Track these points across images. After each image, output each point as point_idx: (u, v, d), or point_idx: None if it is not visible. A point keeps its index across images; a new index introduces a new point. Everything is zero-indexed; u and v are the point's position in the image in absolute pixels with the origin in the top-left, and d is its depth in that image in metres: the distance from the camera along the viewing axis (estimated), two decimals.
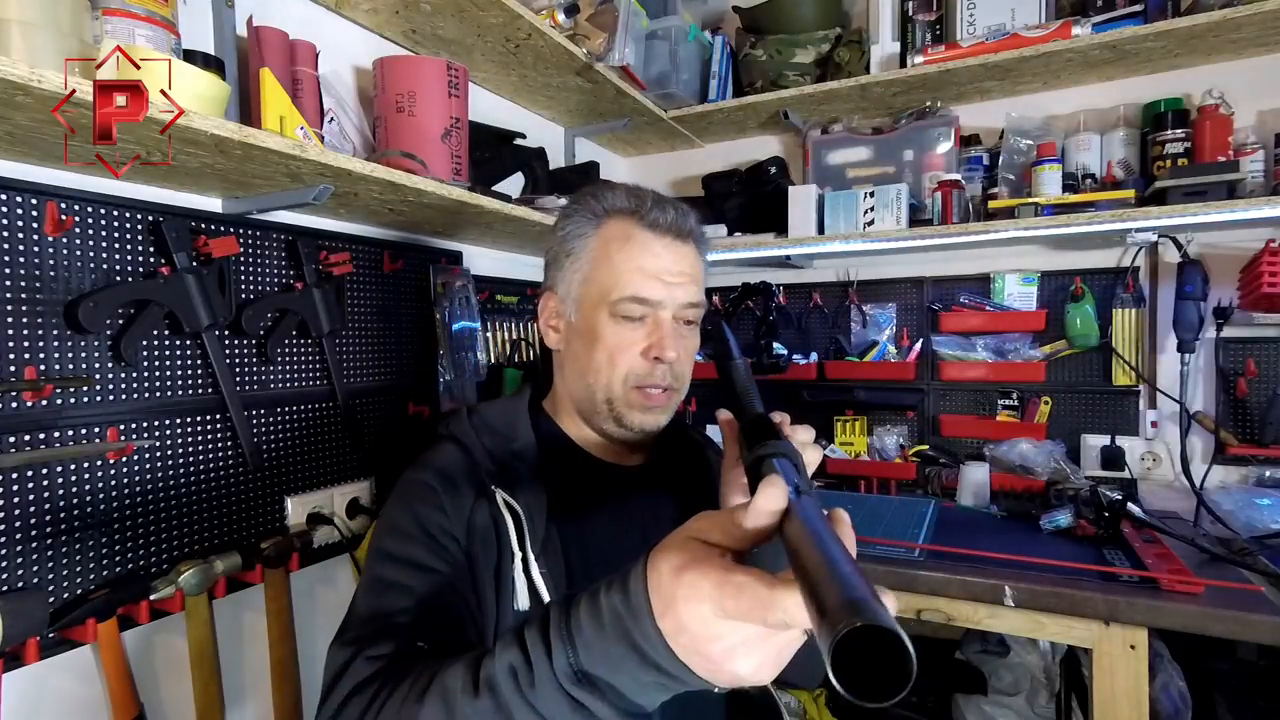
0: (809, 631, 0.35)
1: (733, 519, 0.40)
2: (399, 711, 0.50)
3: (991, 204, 1.60)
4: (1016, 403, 1.77)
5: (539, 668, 0.44)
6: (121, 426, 0.95)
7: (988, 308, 1.78)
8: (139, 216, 0.97)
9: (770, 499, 0.39)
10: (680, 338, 0.76)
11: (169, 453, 1.00)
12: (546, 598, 0.67)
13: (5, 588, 0.84)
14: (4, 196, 0.84)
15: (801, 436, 0.58)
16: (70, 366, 0.90)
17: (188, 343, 1.03)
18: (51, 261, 0.89)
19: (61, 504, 0.89)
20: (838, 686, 0.29)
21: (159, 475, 0.99)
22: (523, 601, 0.67)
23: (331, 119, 1.18)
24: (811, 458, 0.56)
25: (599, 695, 0.42)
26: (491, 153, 1.47)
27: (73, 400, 0.90)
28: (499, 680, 0.45)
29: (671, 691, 0.42)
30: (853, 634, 0.28)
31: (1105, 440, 1.65)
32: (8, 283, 0.85)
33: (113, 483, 0.94)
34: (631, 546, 0.62)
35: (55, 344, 0.89)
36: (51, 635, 0.87)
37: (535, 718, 0.44)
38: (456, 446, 0.76)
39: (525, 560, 0.68)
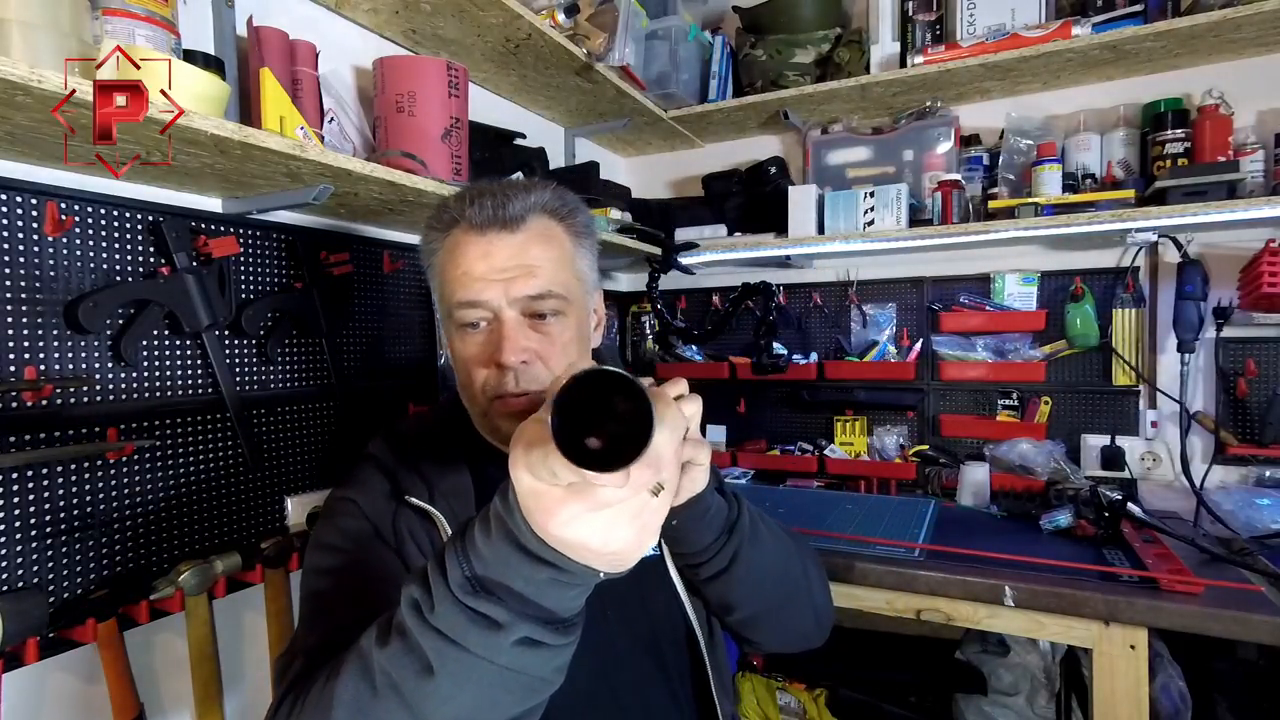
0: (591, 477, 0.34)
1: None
2: (321, 692, 0.49)
3: (991, 204, 1.60)
4: (1016, 403, 1.77)
5: (437, 589, 0.43)
6: (121, 426, 0.95)
7: (988, 308, 1.78)
8: (139, 216, 0.97)
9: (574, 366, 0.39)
10: (532, 334, 0.71)
11: (169, 453, 1.00)
12: None
13: (5, 588, 0.84)
14: (4, 196, 0.84)
15: (670, 391, 0.53)
16: (70, 366, 0.90)
17: (188, 343, 1.03)
18: (51, 261, 0.89)
19: (61, 504, 0.89)
20: (570, 463, 0.28)
21: (159, 475, 0.99)
22: None
23: (331, 119, 1.18)
24: (691, 409, 0.51)
25: (498, 602, 0.41)
26: (491, 153, 1.47)
27: (73, 400, 0.90)
28: (403, 618, 0.45)
29: (572, 588, 0.42)
30: (566, 397, 0.28)
31: (1105, 440, 1.65)
32: (8, 283, 0.85)
33: (113, 483, 0.94)
34: None
35: (55, 344, 0.89)
36: (51, 635, 0.87)
37: (440, 641, 0.42)
38: (372, 464, 0.76)
39: None
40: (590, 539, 0.38)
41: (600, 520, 0.37)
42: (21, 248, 0.86)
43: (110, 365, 0.94)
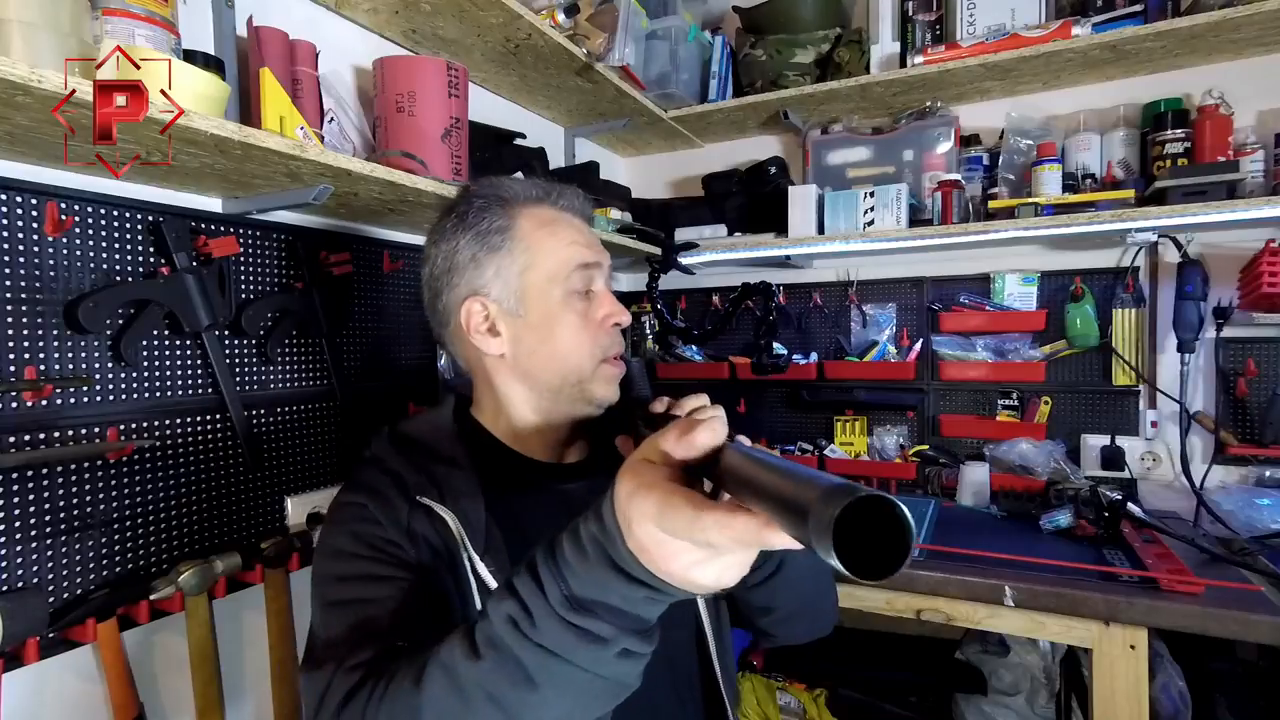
0: (742, 543, 0.37)
1: (665, 438, 0.43)
2: (397, 702, 0.50)
3: (991, 204, 1.60)
4: (1016, 403, 1.77)
5: (536, 607, 0.45)
6: (121, 426, 0.95)
7: (988, 308, 1.78)
8: (139, 216, 0.97)
9: (700, 412, 0.42)
10: None
11: (169, 453, 1.00)
12: None
13: (5, 588, 0.84)
14: (4, 196, 0.84)
15: (692, 403, 0.60)
16: (70, 366, 0.90)
17: (188, 343, 1.03)
18: (51, 261, 0.89)
19: (61, 504, 0.89)
20: (846, 572, 0.29)
21: (159, 475, 0.99)
22: (478, 602, 0.67)
23: (331, 119, 1.18)
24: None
25: (597, 617, 0.44)
26: (491, 153, 1.47)
27: (73, 400, 0.90)
28: (499, 634, 0.46)
29: (664, 602, 0.44)
30: (846, 513, 0.29)
31: (1105, 440, 1.65)
32: (8, 283, 0.85)
33: (113, 483, 0.94)
34: None
35: (55, 344, 0.89)
36: (51, 635, 0.87)
37: (544, 655, 0.45)
38: (377, 467, 0.74)
39: (471, 561, 0.68)
40: (703, 578, 0.40)
41: (718, 563, 0.40)
42: (21, 248, 0.86)
43: (110, 365, 0.94)
